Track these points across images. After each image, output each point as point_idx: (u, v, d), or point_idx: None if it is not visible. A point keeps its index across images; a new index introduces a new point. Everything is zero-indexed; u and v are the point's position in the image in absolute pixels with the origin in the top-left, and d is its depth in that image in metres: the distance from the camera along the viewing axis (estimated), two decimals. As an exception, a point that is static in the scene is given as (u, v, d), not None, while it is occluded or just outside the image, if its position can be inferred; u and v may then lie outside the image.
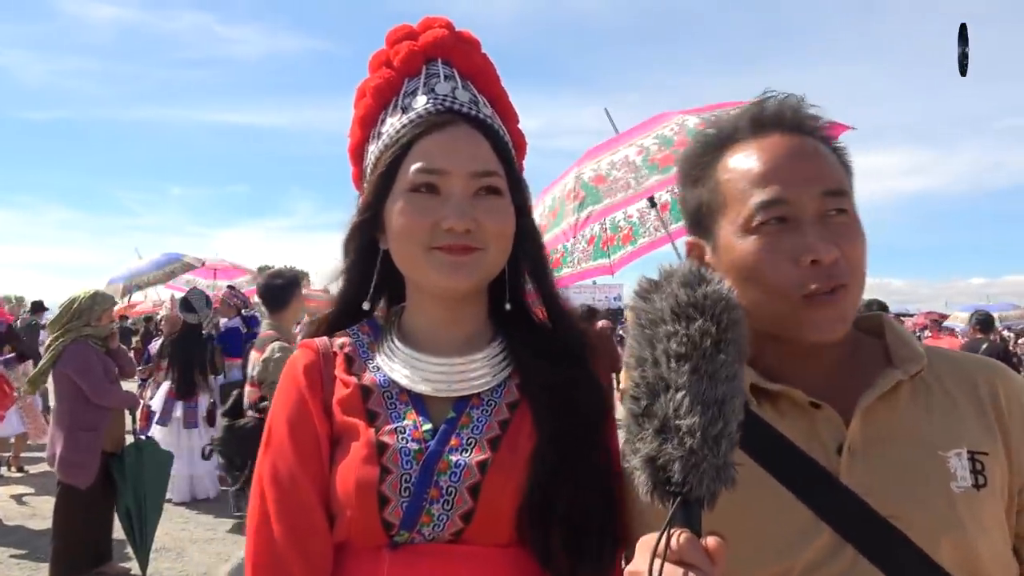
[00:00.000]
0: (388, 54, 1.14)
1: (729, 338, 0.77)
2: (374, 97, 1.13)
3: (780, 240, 0.95)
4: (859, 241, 0.97)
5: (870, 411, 0.94)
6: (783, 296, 0.94)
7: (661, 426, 0.75)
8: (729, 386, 0.75)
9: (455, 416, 1.04)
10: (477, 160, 1.05)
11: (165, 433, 6.87)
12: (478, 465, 1.00)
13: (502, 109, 1.17)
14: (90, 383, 4.50)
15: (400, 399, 1.06)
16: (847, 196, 0.98)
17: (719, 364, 0.75)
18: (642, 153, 3.01)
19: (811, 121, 1.03)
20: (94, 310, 4.68)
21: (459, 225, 1.01)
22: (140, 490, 4.57)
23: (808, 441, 0.95)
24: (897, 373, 0.96)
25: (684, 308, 0.78)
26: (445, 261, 1.03)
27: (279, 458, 1.04)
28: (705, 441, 0.73)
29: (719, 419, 0.74)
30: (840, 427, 0.94)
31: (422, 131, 1.06)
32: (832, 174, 0.98)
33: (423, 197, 1.04)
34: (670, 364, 0.76)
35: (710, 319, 0.77)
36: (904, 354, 1.00)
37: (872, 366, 0.99)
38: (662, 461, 0.74)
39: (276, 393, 1.11)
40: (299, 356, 1.12)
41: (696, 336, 0.76)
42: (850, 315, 0.97)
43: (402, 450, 1.00)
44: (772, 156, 0.98)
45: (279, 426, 1.07)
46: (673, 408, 0.74)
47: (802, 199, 0.95)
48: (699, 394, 0.74)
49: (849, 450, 0.93)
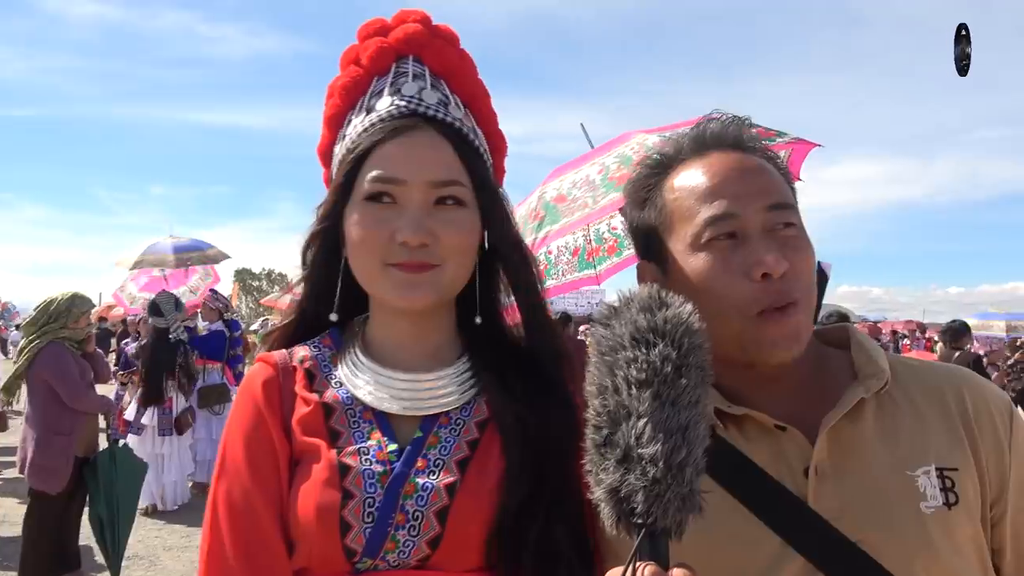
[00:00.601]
0: (358, 51, 1.08)
1: (691, 362, 0.75)
2: (341, 97, 1.07)
3: (731, 255, 0.93)
4: (808, 254, 0.96)
5: (835, 431, 0.92)
6: (738, 312, 0.93)
7: (623, 456, 0.72)
8: (692, 412, 0.73)
9: (422, 436, 0.99)
10: (437, 168, 0.99)
11: (137, 442, 6.72)
12: (446, 488, 0.95)
13: (478, 109, 1.10)
14: (66, 387, 4.41)
15: (364, 417, 1.01)
16: (793, 210, 0.97)
17: (681, 389, 0.74)
18: (602, 172, 2.99)
19: (752, 140, 1.03)
20: (72, 312, 4.60)
21: (413, 239, 0.96)
22: (113, 496, 4.48)
23: (775, 464, 0.93)
24: (860, 390, 0.94)
25: (644, 333, 0.76)
26: (400, 279, 0.98)
27: (234, 481, 0.98)
28: (669, 469, 0.70)
29: (683, 446, 0.72)
30: (806, 449, 0.92)
31: (382, 137, 1.00)
32: (777, 188, 0.97)
33: (379, 208, 0.99)
34: (631, 391, 0.74)
35: (671, 344, 0.75)
36: (868, 369, 0.97)
37: (837, 382, 0.97)
38: (625, 492, 0.72)
39: (232, 410, 1.05)
40: (257, 371, 1.06)
41: (657, 362, 0.74)
42: (804, 332, 0.94)
43: (365, 472, 0.95)
44: (717, 172, 0.98)
45: (235, 446, 1.00)
46: (635, 436, 0.72)
47: (748, 213, 0.94)
48: (661, 421, 0.72)
49: (816, 472, 0.91)
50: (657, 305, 0.78)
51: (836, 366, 1.00)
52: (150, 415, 6.78)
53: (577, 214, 2.93)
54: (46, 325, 4.54)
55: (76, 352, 4.62)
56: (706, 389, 0.76)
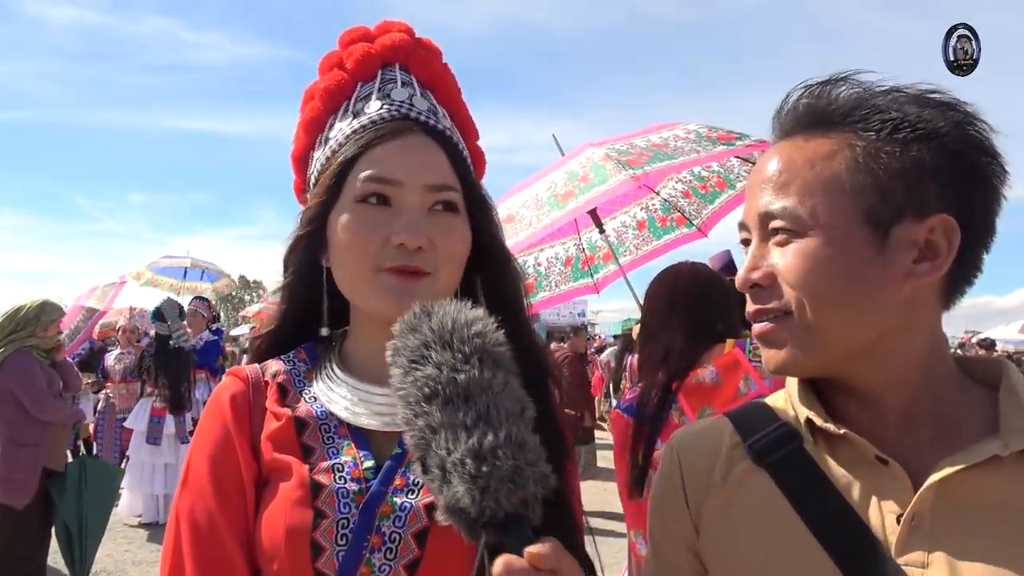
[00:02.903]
0: (341, 55, 1.05)
1: (467, 353, 0.75)
2: (323, 100, 1.04)
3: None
4: (809, 262, 0.81)
5: (949, 482, 0.76)
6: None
7: (442, 473, 0.72)
8: (487, 396, 0.73)
9: (401, 452, 0.94)
10: (433, 172, 0.97)
11: (154, 452, 6.74)
12: (425, 508, 0.90)
13: (461, 123, 1.09)
14: (31, 397, 4.29)
15: (339, 433, 0.96)
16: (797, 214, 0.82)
17: (464, 384, 0.73)
18: (550, 188, 2.97)
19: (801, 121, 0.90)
20: (41, 320, 4.48)
21: (411, 242, 0.93)
22: (81, 509, 4.37)
23: (863, 500, 0.80)
24: (996, 445, 0.75)
25: (417, 352, 0.76)
26: (392, 286, 0.94)
27: (198, 499, 0.93)
28: (482, 460, 0.70)
29: (488, 433, 0.71)
30: (907, 492, 0.78)
31: (374, 138, 0.97)
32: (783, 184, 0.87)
33: (373, 209, 0.95)
34: (424, 409, 0.74)
35: (440, 348, 0.75)
36: (1015, 422, 0.78)
37: (971, 427, 0.80)
38: (454, 503, 0.71)
39: (199, 424, 1.01)
40: (226, 385, 1.01)
41: (432, 371, 0.74)
42: (798, 345, 0.82)
43: (339, 491, 0.90)
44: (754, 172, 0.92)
45: (199, 463, 0.96)
46: (443, 449, 0.72)
47: (750, 219, 0.87)
48: (459, 423, 0.72)
49: (912, 522, 0.76)
50: (421, 319, 0.79)
51: (973, 407, 0.82)
52: (170, 424, 6.75)
53: (523, 234, 2.88)
54: (13, 333, 4.42)
55: (44, 361, 4.51)
56: (497, 370, 0.76)
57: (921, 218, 0.79)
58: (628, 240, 3.60)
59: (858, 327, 0.81)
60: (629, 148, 2.87)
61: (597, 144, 3.00)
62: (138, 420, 6.89)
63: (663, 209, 3.53)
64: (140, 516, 6.79)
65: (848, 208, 0.80)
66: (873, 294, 0.80)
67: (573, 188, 2.83)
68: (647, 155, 2.78)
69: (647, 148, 2.85)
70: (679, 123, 3.07)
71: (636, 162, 2.71)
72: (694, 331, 2.15)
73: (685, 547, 0.92)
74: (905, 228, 0.79)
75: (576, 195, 2.79)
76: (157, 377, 6.77)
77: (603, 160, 2.78)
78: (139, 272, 10.74)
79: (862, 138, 0.80)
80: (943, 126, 0.79)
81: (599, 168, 2.77)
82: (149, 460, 6.77)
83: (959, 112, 0.81)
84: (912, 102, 0.81)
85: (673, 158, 2.75)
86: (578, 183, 2.82)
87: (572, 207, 2.77)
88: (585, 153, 2.96)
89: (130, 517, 6.79)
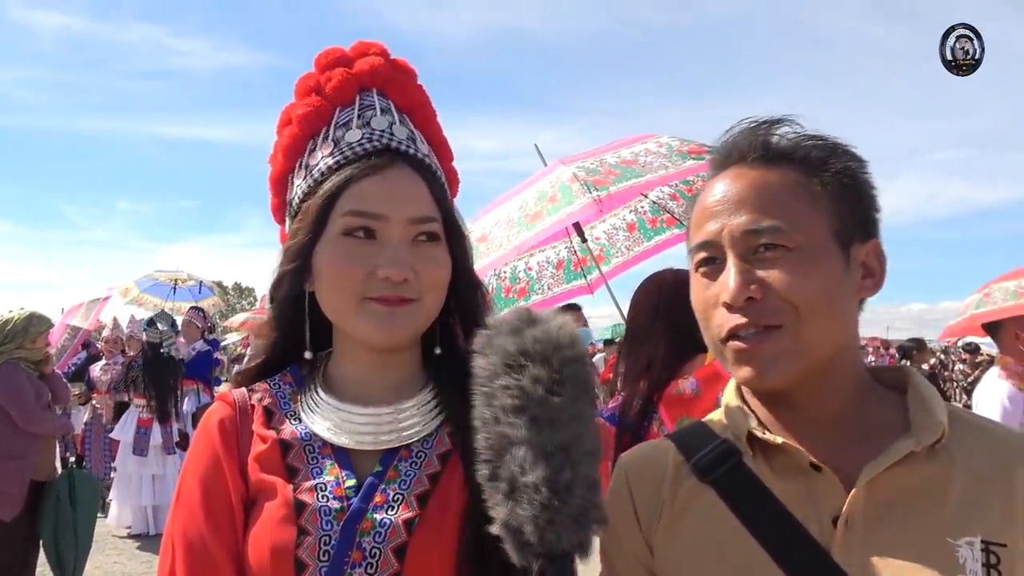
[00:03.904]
0: (319, 79, 1.06)
1: (564, 376, 0.75)
2: (301, 126, 1.05)
3: (710, 283, 0.91)
4: (799, 279, 0.86)
5: (876, 482, 0.84)
6: (712, 341, 0.92)
7: (510, 488, 0.72)
8: (573, 427, 0.73)
9: (381, 470, 0.97)
10: (416, 204, 0.99)
11: (141, 463, 6.72)
12: (404, 524, 0.92)
13: (438, 145, 1.10)
14: (19, 409, 4.27)
15: (323, 453, 0.99)
16: (779, 232, 0.88)
17: (556, 408, 0.73)
18: (522, 208, 2.97)
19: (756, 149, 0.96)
20: (29, 332, 4.46)
21: (397, 275, 0.95)
22: (70, 521, 4.34)
23: (802, 506, 0.86)
24: (910, 443, 0.85)
25: (514, 357, 0.76)
26: (379, 312, 0.97)
27: (190, 521, 0.97)
28: (555, 493, 0.70)
29: (566, 467, 0.71)
30: (840, 496, 0.85)
31: (357, 172, 0.99)
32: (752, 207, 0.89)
33: (357, 243, 0.98)
34: (508, 419, 0.74)
35: (540, 364, 0.75)
36: (922, 420, 0.88)
37: (885, 428, 0.89)
38: (516, 524, 0.71)
39: (190, 448, 1.04)
40: (215, 410, 1.05)
41: (528, 385, 0.74)
42: (788, 356, 0.86)
43: (322, 509, 0.93)
44: (712, 194, 0.93)
45: (191, 486, 0.99)
46: (518, 465, 0.72)
47: (723, 237, 0.90)
48: (541, 445, 0.72)
49: (847, 524, 0.83)
50: (526, 324, 0.78)
51: (888, 410, 0.92)
52: (157, 434, 6.73)
53: (492, 255, 2.90)
54: (1, 345, 4.40)
55: (32, 373, 4.49)
56: (587, 401, 0.76)
57: (863, 241, 0.92)
58: (619, 242, 3.63)
59: (836, 337, 0.89)
60: (598, 166, 2.89)
61: (568, 161, 3.02)
62: (124, 431, 6.87)
63: (652, 211, 3.56)
64: (129, 528, 6.74)
65: (824, 228, 0.89)
66: (846, 306, 0.90)
67: (542, 209, 2.86)
68: (615, 173, 2.80)
69: (616, 165, 2.87)
70: (653, 135, 3.09)
71: (602, 182, 2.74)
72: (677, 340, 2.14)
73: (640, 566, 0.95)
74: (856, 249, 0.91)
75: (544, 216, 2.82)
76: (145, 388, 6.73)
77: (570, 181, 2.80)
78: (127, 288, 10.73)
79: (815, 172, 0.91)
80: (854, 166, 0.93)
81: (566, 189, 2.80)
82: (136, 471, 6.75)
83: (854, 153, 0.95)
84: (828, 146, 0.93)
85: (640, 176, 2.77)
86: (547, 203, 2.86)
87: (539, 228, 2.81)
88: (556, 171, 2.98)
89: (119, 529, 6.75)
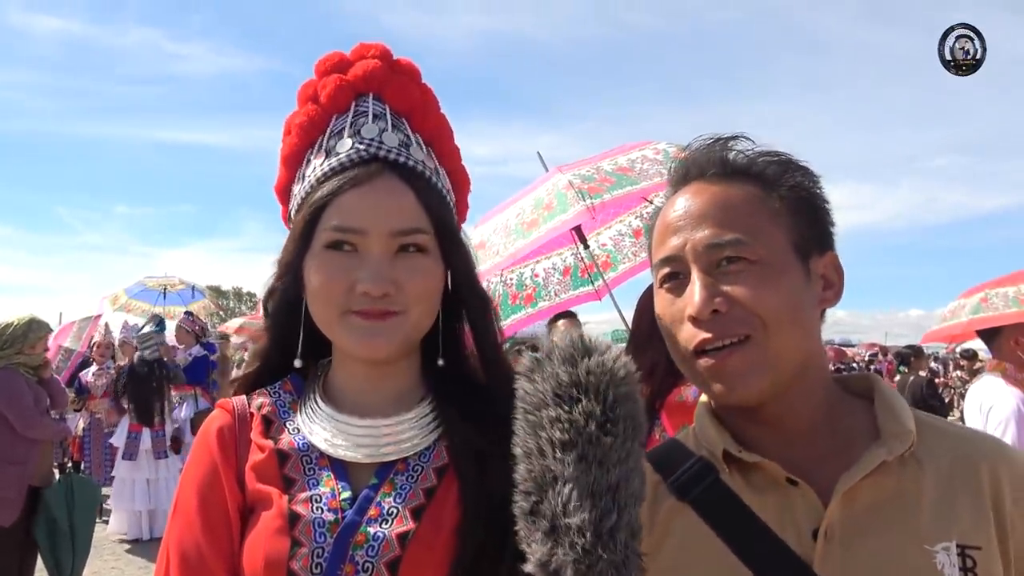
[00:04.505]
0: (316, 87, 1.05)
1: (617, 415, 0.72)
2: (299, 136, 1.05)
3: (675, 298, 0.93)
4: (765, 286, 0.88)
5: (851, 492, 0.85)
6: (681, 357, 0.92)
7: (551, 527, 0.69)
8: (622, 469, 0.70)
9: (377, 483, 0.96)
10: (399, 217, 0.97)
11: (132, 468, 6.72)
12: (398, 538, 0.91)
13: (441, 147, 1.08)
14: (18, 414, 4.27)
15: (319, 464, 0.98)
16: (739, 245, 0.89)
17: (607, 448, 0.70)
18: (519, 215, 2.98)
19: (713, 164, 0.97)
20: (28, 337, 4.47)
21: (375, 290, 0.94)
22: (67, 527, 4.34)
23: (781, 521, 0.87)
24: (882, 452, 0.87)
25: (566, 389, 0.73)
26: (361, 326, 0.96)
27: (187, 530, 0.97)
28: (599, 538, 0.67)
29: (612, 511, 0.68)
30: (818, 509, 0.86)
31: (342, 184, 0.98)
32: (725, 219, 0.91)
33: (339, 256, 0.97)
34: (555, 454, 0.71)
35: (593, 398, 0.72)
36: (892, 428, 0.90)
37: (857, 438, 0.91)
38: (555, 566, 0.68)
39: (189, 456, 1.04)
40: (214, 418, 1.05)
41: (580, 420, 0.71)
42: (758, 369, 0.87)
43: (316, 521, 0.92)
44: (674, 210, 0.95)
45: (188, 494, 0.99)
46: (561, 504, 0.69)
47: (686, 251, 0.91)
48: (588, 485, 0.69)
49: (826, 536, 0.84)
50: (580, 354, 0.75)
51: (856, 419, 0.93)
52: (146, 438, 6.70)
53: (488, 262, 2.90)
54: (0, 351, 4.40)
55: (31, 378, 4.48)
56: (637, 441, 0.74)
57: (821, 254, 0.94)
58: (626, 248, 3.64)
59: (803, 347, 0.91)
60: (594, 174, 2.89)
61: (566, 168, 3.02)
62: (119, 437, 6.88)
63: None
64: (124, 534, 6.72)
65: (784, 241, 0.91)
66: (809, 316, 0.92)
67: (538, 216, 2.87)
68: (610, 181, 2.81)
69: (612, 172, 2.88)
70: (651, 142, 3.09)
71: (596, 190, 2.74)
72: None
73: None
74: (815, 261, 0.93)
75: (539, 224, 2.83)
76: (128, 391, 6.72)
77: (566, 188, 2.81)
78: (115, 296, 10.74)
79: (772, 187, 0.93)
80: (808, 181, 0.95)
81: (562, 196, 2.81)
82: (129, 476, 6.74)
83: (808, 169, 0.97)
84: (783, 161, 0.95)
85: (635, 183, 2.77)
86: (543, 211, 2.86)
87: (535, 236, 2.82)
88: (553, 179, 2.99)
89: (117, 535, 6.72)
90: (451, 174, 1.09)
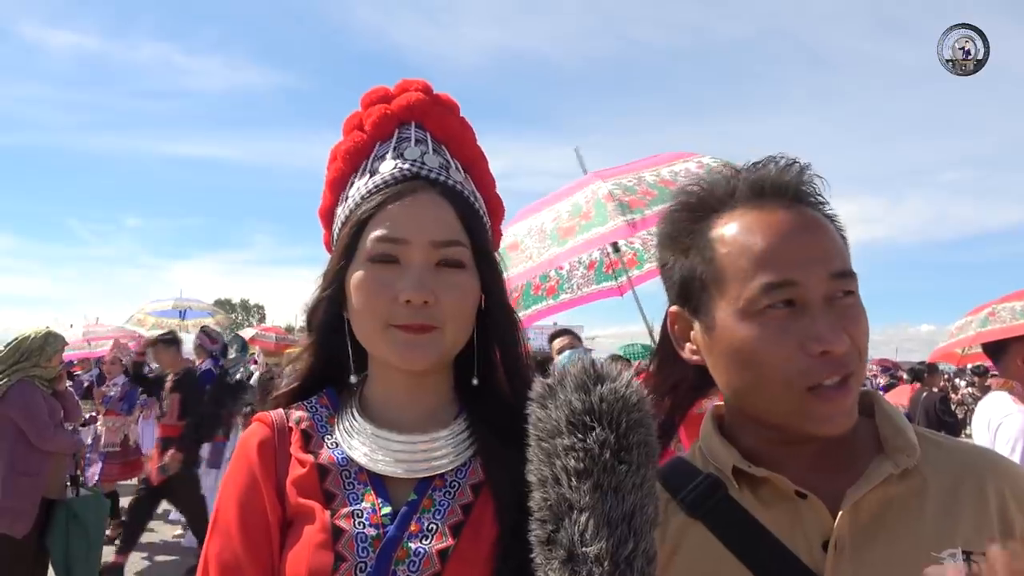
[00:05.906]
0: (361, 117, 1.11)
1: (631, 442, 0.72)
2: (344, 161, 1.09)
3: (787, 326, 0.87)
4: (864, 325, 0.90)
5: (858, 504, 0.88)
6: (787, 386, 0.87)
7: (568, 555, 0.70)
8: (637, 496, 0.71)
9: (416, 499, 0.99)
10: (440, 228, 1.01)
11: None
12: (438, 554, 0.94)
13: (478, 174, 1.13)
14: (34, 426, 4.30)
15: (359, 479, 1.00)
16: (854, 277, 0.90)
17: (622, 475, 0.71)
18: (555, 220, 2.95)
19: (813, 192, 0.95)
20: (45, 351, 4.51)
21: (416, 297, 0.97)
22: (82, 539, 4.37)
23: (791, 534, 0.89)
24: (888, 465, 0.89)
25: (579, 416, 0.73)
26: (401, 340, 0.99)
27: (226, 544, 0.98)
28: (617, 567, 0.68)
29: (628, 538, 0.69)
30: (827, 520, 0.88)
31: (386, 198, 1.02)
32: (838, 252, 0.91)
33: (382, 268, 1.00)
34: (571, 482, 0.71)
35: (607, 426, 0.72)
36: (896, 442, 0.92)
37: (862, 451, 0.93)
38: None
39: (228, 469, 1.05)
40: (253, 432, 1.06)
41: (595, 448, 0.71)
42: (855, 405, 0.89)
43: (358, 536, 0.95)
44: (777, 232, 0.89)
45: (228, 508, 1.00)
46: (578, 533, 0.69)
47: (810, 281, 0.87)
48: (604, 513, 0.69)
49: (835, 547, 0.86)
50: (592, 381, 0.75)
51: (861, 434, 0.94)
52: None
53: (521, 266, 2.88)
54: (17, 363, 4.43)
55: (46, 391, 4.53)
56: (652, 466, 0.74)
57: None
58: (654, 248, 3.63)
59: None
60: (635, 184, 2.87)
61: (607, 176, 2.99)
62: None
63: None
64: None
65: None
66: None
67: (575, 224, 2.86)
68: (651, 194, 2.78)
69: (654, 185, 2.85)
70: (695, 155, 3.06)
71: (638, 203, 2.72)
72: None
73: None
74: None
75: (576, 233, 2.82)
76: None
77: (606, 199, 2.79)
78: (141, 319, 10.96)
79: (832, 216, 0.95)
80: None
81: (601, 207, 2.79)
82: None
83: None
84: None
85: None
86: (580, 220, 2.85)
87: (571, 245, 2.80)
88: (592, 186, 2.97)
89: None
90: (487, 201, 1.13)
